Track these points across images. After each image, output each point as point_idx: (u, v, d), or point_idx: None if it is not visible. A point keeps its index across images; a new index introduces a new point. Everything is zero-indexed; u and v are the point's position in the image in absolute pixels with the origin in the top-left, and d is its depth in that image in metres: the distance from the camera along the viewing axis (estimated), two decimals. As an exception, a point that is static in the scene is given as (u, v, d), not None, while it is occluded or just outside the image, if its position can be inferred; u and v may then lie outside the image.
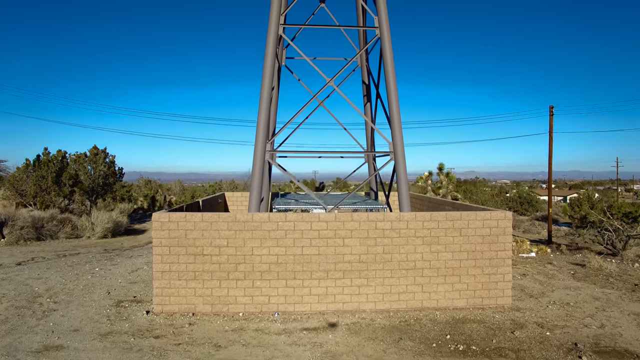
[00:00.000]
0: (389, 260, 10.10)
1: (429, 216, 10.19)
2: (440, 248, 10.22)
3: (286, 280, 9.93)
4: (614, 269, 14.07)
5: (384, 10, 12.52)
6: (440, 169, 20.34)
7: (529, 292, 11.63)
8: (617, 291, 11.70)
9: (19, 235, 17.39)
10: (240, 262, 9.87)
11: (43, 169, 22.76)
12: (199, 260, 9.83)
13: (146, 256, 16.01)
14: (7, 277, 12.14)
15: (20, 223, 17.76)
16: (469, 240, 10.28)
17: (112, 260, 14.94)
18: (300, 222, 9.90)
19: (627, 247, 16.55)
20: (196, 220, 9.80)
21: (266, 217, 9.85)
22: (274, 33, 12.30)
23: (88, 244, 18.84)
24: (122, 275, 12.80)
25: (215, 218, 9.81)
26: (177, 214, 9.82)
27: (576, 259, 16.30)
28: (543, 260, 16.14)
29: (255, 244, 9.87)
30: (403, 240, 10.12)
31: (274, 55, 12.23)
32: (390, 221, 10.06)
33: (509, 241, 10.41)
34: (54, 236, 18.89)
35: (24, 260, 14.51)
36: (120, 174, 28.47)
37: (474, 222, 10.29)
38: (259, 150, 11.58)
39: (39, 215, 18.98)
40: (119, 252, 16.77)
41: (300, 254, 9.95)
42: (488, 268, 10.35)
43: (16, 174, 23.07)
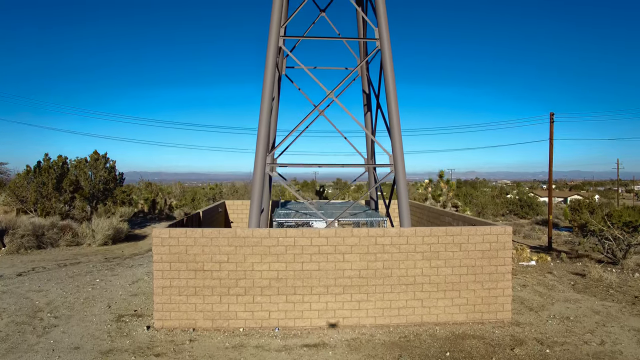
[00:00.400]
0: (388, 275, 10.12)
1: (429, 231, 10.20)
2: (440, 263, 10.23)
3: (286, 295, 9.95)
4: (614, 280, 14.07)
5: (385, 22, 12.53)
6: (441, 176, 20.36)
7: (528, 305, 11.64)
8: (617, 304, 11.71)
9: (20, 243, 17.42)
10: (241, 277, 9.89)
11: (44, 176, 22.79)
12: (200, 275, 9.85)
13: (147, 265, 16.03)
14: (7, 289, 12.16)
15: (21, 231, 17.78)
16: (468, 255, 10.29)
17: (113, 270, 14.96)
18: (300, 237, 9.91)
19: (628, 256, 16.56)
20: (196, 236, 9.82)
21: (266, 233, 9.86)
22: (274, 45, 12.30)
23: (89, 251, 18.86)
24: (122, 287, 12.82)
25: (215, 234, 9.82)
26: (177, 230, 9.84)
27: (576, 268, 16.30)
28: (543, 270, 16.15)
29: (256, 260, 9.89)
30: (403, 255, 10.13)
31: (274, 68, 12.24)
32: (390, 237, 10.07)
33: (508, 256, 10.42)
34: (55, 244, 18.91)
35: (24, 270, 14.53)
36: (121, 179, 28.51)
37: (474, 237, 10.30)
38: (259, 163, 11.59)
39: (40, 222, 19.00)
40: (120, 261, 16.79)
41: (301, 269, 9.96)
42: (488, 283, 10.36)
43: (17, 180, 23.10)
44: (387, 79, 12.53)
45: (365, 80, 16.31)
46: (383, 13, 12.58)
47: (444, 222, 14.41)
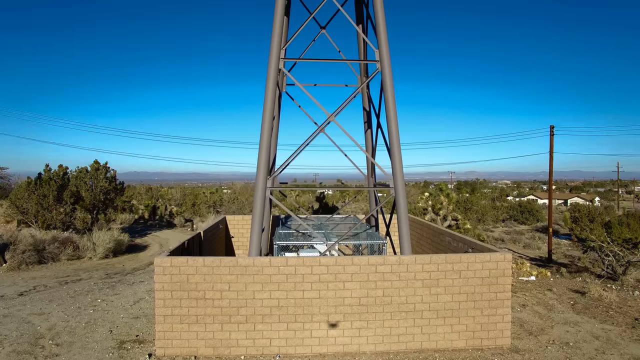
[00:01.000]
0: (389, 302, 10.17)
1: (428, 259, 10.25)
2: (440, 290, 10.28)
3: (287, 323, 10.00)
4: (614, 299, 14.12)
5: (385, 44, 12.56)
6: (441, 189, 20.40)
7: (528, 329, 11.69)
8: (617, 327, 11.75)
9: (21, 259, 17.48)
10: (242, 305, 9.94)
11: (44, 187, 22.84)
12: (201, 304, 9.90)
13: (148, 282, 16.09)
14: (9, 312, 12.21)
15: (22, 247, 17.85)
16: (468, 282, 10.34)
17: (114, 289, 15.01)
18: (301, 266, 9.96)
19: (627, 272, 16.61)
20: (198, 265, 9.87)
21: (267, 261, 9.91)
22: (274, 68, 12.34)
23: (89, 266, 18.92)
24: (124, 309, 12.87)
25: (217, 263, 9.87)
26: (178, 259, 9.89)
27: (576, 285, 16.35)
28: (543, 286, 16.20)
29: (257, 288, 9.94)
30: (403, 283, 10.18)
31: (274, 90, 12.28)
32: (390, 264, 10.12)
33: (508, 283, 10.47)
34: (56, 258, 18.97)
35: (25, 289, 14.59)
36: (121, 188, 28.54)
37: (474, 264, 10.34)
38: (260, 188, 11.63)
39: (41, 237, 19.07)
40: (121, 277, 16.84)
41: (302, 297, 10.01)
42: (487, 309, 10.41)
43: (17, 191, 23.16)
44: (388, 100, 12.57)
45: (366, 97, 16.34)
46: (384, 35, 12.61)
47: (444, 241, 14.47)
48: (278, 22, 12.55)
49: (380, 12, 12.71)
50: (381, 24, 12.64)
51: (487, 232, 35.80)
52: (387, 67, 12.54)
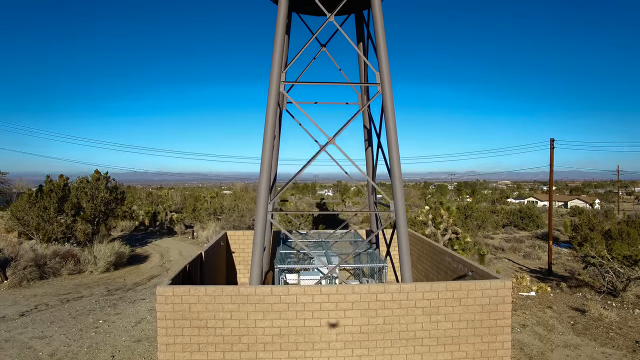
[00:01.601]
0: (389, 330, 10.21)
1: (429, 287, 10.29)
2: (440, 318, 10.32)
3: (289, 351, 10.04)
4: (614, 318, 14.17)
5: (386, 67, 12.59)
6: (441, 203, 20.46)
7: (528, 352, 11.74)
8: (617, 351, 11.80)
9: (22, 275, 17.53)
10: (244, 334, 9.98)
11: (45, 200, 22.88)
12: (203, 332, 9.94)
13: (149, 299, 16.14)
14: (10, 336, 12.26)
15: (23, 262, 17.90)
16: (468, 310, 10.38)
17: (116, 307, 15.06)
18: (302, 295, 10.00)
19: (628, 289, 16.66)
20: (200, 294, 9.91)
21: (269, 290, 9.95)
22: (275, 91, 12.38)
23: (91, 281, 18.97)
24: (126, 331, 12.92)
25: (219, 292, 9.91)
26: (180, 288, 9.93)
27: (576, 301, 16.40)
28: (543, 303, 16.24)
29: (259, 317, 9.98)
30: (403, 310, 10.22)
31: (275, 113, 12.31)
32: (391, 293, 10.16)
33: (508, 310, 10.51)
34: (57, 273, 19.02)
35: (27, 309, 14.64)
36: (122, 198, 28.59)
37: (474, 291, 10.38)
38: (261, 212, 11.66)
39: (42, 252, 19.11)
40: (122, 294, 16.89)
41: (303, 325, 10.05)
42: (487, 336, 10.45)
43: (19, 204, 23.20)
44: (388, 122, 12.59)
45: (367, 115, 16.38)
46: (384, 57, 12.63)
47: (444, 260, 14.51)
48: (279, 44, 12.57)
49: (381, 34, 12.74)
50: (382, 47, 12.67)
51: (487, 239, 35.87)
52: (387, 90, 12.57)
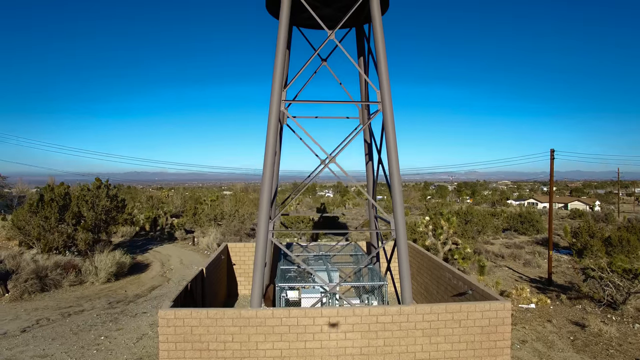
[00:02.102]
0: (389, 352, 10.27)
1: (429, 309, 10.35)
2: (440, 339, 10.38)
3: (289, 373, 10.10)
4: (614, 333, 14.21)
5: (387, 86, 12.65)
6: (442, 213, 20.51)
7: (528, 371, 11.79)
8: (615, 369, 11.85)
9: (23, 288, 17.58)
10: (245, 356, 10.05)
11: (46, 210, 22.94)
12: (205, 355, 10.01)
13: (150, 313, 16.20)
14: (12, 355, 12.31)
15: (25, 275, 17.95)
16: (468, 331, 10.44)
17: (117, 322, 15.12)
18: (303, 317, 10.07)
19: (628, 302, 16.70)
20: (201, 317, 9.97)
21: (270, 313, 10.02)
22: (276, 111, 12.43)
23: (92, 293, 19.02)
24: (127, 347, 12.98)
25: (220, 314, 9.98)
26: (182, 311, 9.99)
27: (576, 314, 16.45)
28: (543, 316, 16.29)
29: (260, 339, 10.05)
30: (403, 332, 10.28)
31: (276, 132, 12.36)
32: (391, 315, 10.23)
33: (507, 331, 10.57)
34: (58, 285, 19.08)
35: (28, 325, 14.69)
36: (123, 205, 28.64)
37: (473, 313, 10.44)
38: (262, 233, 11.71)
39: (43, 264, 19.17)
40: (123, 307, 16.95)
41: (304, 347, 10.12)
42: (487, 358, 10.51)
43: (20, 214, 23.25)
44: (389, 140, 12.65)
45: (367, 129, 16.43)
46: (385, 76, 12.69)
47: (444, 276, 14.56)
48: (279, 62, 12.62)
49: (381, 52, 12.79)
50: (382, 65, 12.72)
51: (487, 245, 35.90)
52: (388, 108, 12.62)
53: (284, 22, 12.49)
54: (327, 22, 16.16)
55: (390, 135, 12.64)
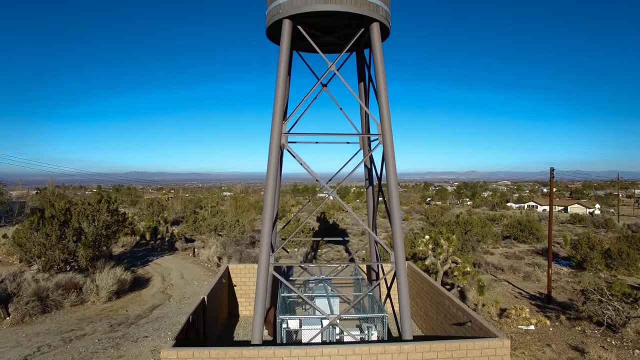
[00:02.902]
0: (390, 390, 10.33)
1: (428, 347, 10.41)
2: (440, 377, 10.44)
3: (290, 412, 10.16)
4: (612, 360, 14.27)
5: (387, 118, 12.72)
6: (441, 232, 20.59)
7: (527, 403, 11.85)
8: (614, 401, 11.92)
9: (25, 311, 17.66)
10: (246, 395, 10.11)
11: (47, 227, 23.00)
12: (205, 394, 10.06)
13: (152, 337, 16.27)
14: (16, 387, 12.38)
15: (26, 298, 18.02)
16: (468, 369, 10.49)
17: (119, 348, 15.18)
18: (304, 357, 10.13)
19: (627, 325, 16.77)
20: (203, 357, 10.02)
21: (271, 352, 10.08)
22: (277, 144, 12.49)
23: (93, 314, 19.09)
24: (128, 378, 13.04)
25: (222, 354, 10.03)
26: (184, 351, 10.05)
27: (575, 337, 16.51)
28: (542, 340, 16.36)
29: (260, 378, 10.10)
30: (404, 371, 10.34)
31: (277, 167, 12.42)
32: (391, 354, 10.29)
33: (507, 368, 10.63)
34: (59, 306, 19.15)
35: (29, 352, 14.74)
36: (123, 219, 28.71)
37: (472, 351, 10.51)
38: (263, 268, 11.76)
39: (44, 285, 19.24)
40: (125, 330, 17.02)
41: (304, 386, 10.17)
42: (487, 395, 10.56)
43: (21, 231, 23.31)
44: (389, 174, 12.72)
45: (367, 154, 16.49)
46: (386, 109, 12.76)
47: (443, 304, 14.62)
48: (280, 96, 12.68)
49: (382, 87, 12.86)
50: (383, 98, 12.78)
51: (487, 255, 35.97)
52: (388, 141, 12.69)
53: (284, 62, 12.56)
54: (327, 47, 16.22)
55: (391, 168, 12.70)
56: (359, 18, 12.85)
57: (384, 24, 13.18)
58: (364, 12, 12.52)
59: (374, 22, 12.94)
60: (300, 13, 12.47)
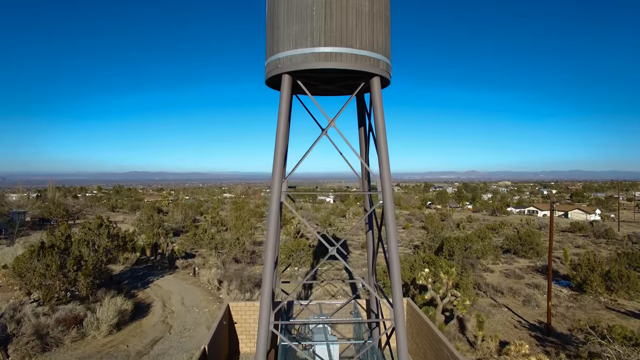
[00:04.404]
0: None
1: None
2: None
3: None
4: (611, 409, 14.29)
5: (387, 175, 12.67)
6: (441, 266, 20.59)
7: None
8: None
9: (25, 352, 17.67)
10: None
11: (47, 258, 22.99)
12: None
13: (151, 380, 16.29)
14: None
15: (25, 338, 18.03)
16: None
17: (119, 395, 15.20)
18: None
19: (625, 367, 16.79)
20: None
21: None
22: (277, 201, 12.46)
23: (94, 350, 19.11)
24: None
25: None
26: None
27: (575, 379, 16.55)
28: (542, 382, 16.36)
29: None
30: None
31: (277, 222, 12.40)
32: None
33: None
34: (60, 343, 19.15)
35: (32, 401, 14.78)
36: (124, 244, 28.73)
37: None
38: (263, 327, 11.76)
39: (44, 321, 19.25)
40: (125, 372, 17.04)
41: None
42: None
43: (21, 262, 23.31)
44: (389, 226, 12.68)
45: (368, 199, 16.47)
46: (386, 166, 12.70)
47: (442, 351, 14.63)
48: (280, 153, 12.65)
49: (382, 141, 12.81)
50: (384, 156, 12.72)
51: (486, 274, 36.02)
52: (388, 198, 12.65)
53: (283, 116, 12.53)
54: (328, 92, 16.19)
55: (390, 220, 12.67)
56: (360, 73, 12.81)
57: (384, 77, 13.14)
58: (365, 68, 12.45)
59: (374, 77, 12.89)
60: (299, 70, 12.43)
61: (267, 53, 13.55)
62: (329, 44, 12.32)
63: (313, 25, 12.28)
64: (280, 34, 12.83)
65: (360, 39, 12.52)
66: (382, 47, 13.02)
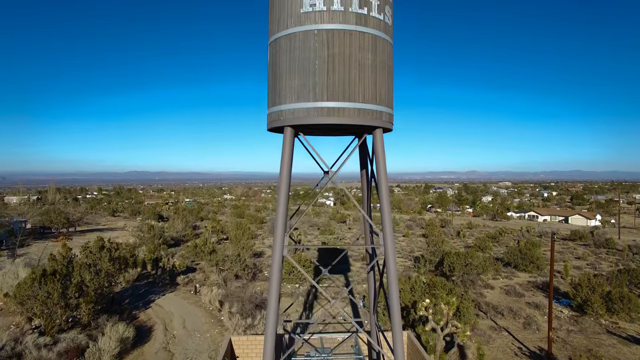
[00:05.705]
0: None
1: None
2: None
3: None
4: None
5: (390, 231, 12.67)
6: (441, 297, 20.65)
7: None
8: None
9: (28, 389, 17.76)
10: None
11: (49, 285, 23.03)
12: None
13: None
14: None
15: (29, 374, 18.10)
16: None
17: None
18: None
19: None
20: None
21: None
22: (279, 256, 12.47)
23: (96, 384, 19.20)
24: None
25: None
26: None
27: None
28: (543, 421, 16.43)
29: None
30: None
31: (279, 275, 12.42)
32: None
33: None
34: (62, 377, 19.25)
35: None
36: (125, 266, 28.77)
37: None
38: None
39: (45, 355, 19.31)
40: (127, 410, 17.10)
41: None
42: None
43: (22, 289, 23.34)
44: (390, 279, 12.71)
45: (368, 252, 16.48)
46: (388, 220, 12.70)
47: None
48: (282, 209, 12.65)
49: (385, 195, 12.80)
50: (386, 212, 12.73)
51: (486, 291, 36.07)
52: (391, 255, 12.66)
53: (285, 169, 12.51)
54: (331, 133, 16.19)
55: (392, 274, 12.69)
56: (363, 126, 12.80)
57: (387, 127, 13.13)
58: (367, 122, 12.43)
59: (377, 129, 12.88)
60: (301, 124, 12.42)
61: (269, 102, 13.52)
62: (332, 99, 12.28)
63: (315, 80, 12.23)
64: (283, 85, 12.80)
65: (363, 93, 12.48)
66: (385, 99, 12.99)
